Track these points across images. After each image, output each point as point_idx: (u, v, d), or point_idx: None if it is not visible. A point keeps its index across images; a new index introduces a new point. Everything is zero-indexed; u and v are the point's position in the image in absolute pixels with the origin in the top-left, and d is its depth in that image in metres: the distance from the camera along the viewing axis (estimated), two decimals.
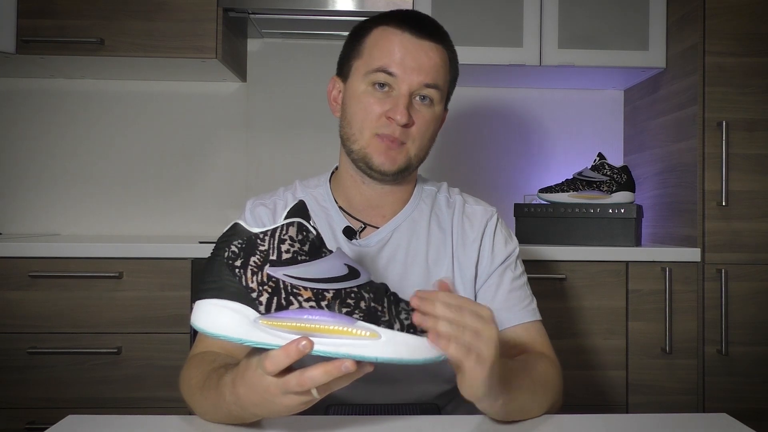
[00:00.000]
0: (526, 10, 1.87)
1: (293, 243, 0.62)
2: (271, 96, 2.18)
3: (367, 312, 0.62)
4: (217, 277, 0.61)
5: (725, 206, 1.67)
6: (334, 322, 0.61)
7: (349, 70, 1.00)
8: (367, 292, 0.63)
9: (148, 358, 1.59)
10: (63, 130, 2.14)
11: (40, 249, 1.59)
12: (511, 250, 1.03)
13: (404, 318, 0.63)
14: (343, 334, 0.61)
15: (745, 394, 1.67)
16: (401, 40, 0.95)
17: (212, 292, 0.61)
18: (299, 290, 0.61)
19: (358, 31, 1.01)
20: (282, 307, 0.61)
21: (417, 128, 0.96)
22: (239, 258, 0.61)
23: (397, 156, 0.95)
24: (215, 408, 0.73)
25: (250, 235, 0.62)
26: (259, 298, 0.60)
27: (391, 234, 1.01)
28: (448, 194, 1.08)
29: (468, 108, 2.22)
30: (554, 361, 0.92)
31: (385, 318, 0.62)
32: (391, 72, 0.94)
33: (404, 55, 0.94)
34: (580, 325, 1.69)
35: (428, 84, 0.95)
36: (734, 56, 1.70)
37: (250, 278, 0.61)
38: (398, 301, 0.65)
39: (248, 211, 1.04)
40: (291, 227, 0.63)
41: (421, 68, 0.94)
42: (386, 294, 0.65)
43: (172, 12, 1.82)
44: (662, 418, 0.80)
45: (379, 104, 0.94)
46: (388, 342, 0.61)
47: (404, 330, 0.62)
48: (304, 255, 0.62)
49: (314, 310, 0.61)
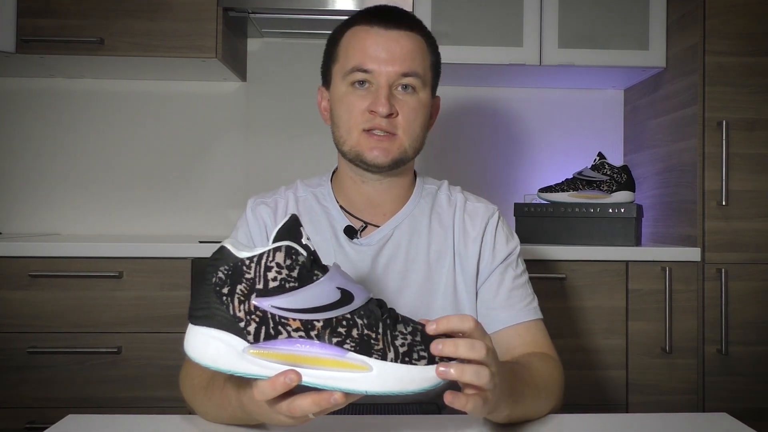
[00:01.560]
0: (526, 9, 1.87)
1: (280, 270, 0.60)
2: (271, 96, 2.18)
3: (359, 341, 0.60)
4: (205, 304, 0.60)
5: (725, 206, 1.67)
6: (324, 354, 0.59)
7: (330, 77, 1.02)
8: (361, 317, 0.61)
9: (148, 358, 1.59)
10: (63, 129, 2.14)
11: (40, 249, 1.59)
12: (513, 248, 1.03)
13: (399, 344, 0.61)
14: (333, 365, 0.59)
15: (745, 394, 1.67)
16: (371, 35, 0.96)
17: (202, 320, 0.60)
18: (287, 320, 0.59)
19: (333, 36, 1.03)
20: (270, 337, 0.59)
21: (403, 117, 0.96)
22: (226, 285, 0.60)
23: (389, 147, 0.96)
24: (220, 409, 0.73)
25: (236, 261, 0.60)
26: (247, 328, 0.59)
27: (392, 232, 1.01)
28: (449, 192, 1.08)
29: (468, 108, 2.22)
30: (557, 362, 0.92)
31: (378, 346, 0.60)
32: (366, 69, 0.95)
33: (376, 49, 0.95)
34: (580, 324, 1.68)
35: (405, 73, 0.95)
36: (734, 56, 1.69)
37: (237, 307, 0.59)
38: (395, 323, 0.62)
39: (249, 210, 1.04)
40: (278, 252, 0.60)
41: (395, 58, 0.95)
42: (382, 318, 0.62)
43: (172, 12, 1.82)
44: (662, 418, 0.80)
45: (361, 100, 0.95)
46: (378, 376, 0.59)
47: (398, 359, 0.60)
48: (292, 281, 0.60)
49: (303, 341, 0.59)
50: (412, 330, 0.62)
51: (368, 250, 0.99)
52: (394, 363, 0.60)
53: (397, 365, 0.60)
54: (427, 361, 0.61)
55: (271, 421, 0.65)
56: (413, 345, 0.61)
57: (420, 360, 0.61)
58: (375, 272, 0.99)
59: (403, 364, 0.60)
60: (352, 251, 0.99)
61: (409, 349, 0.61)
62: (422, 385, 0.61)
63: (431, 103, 1.03)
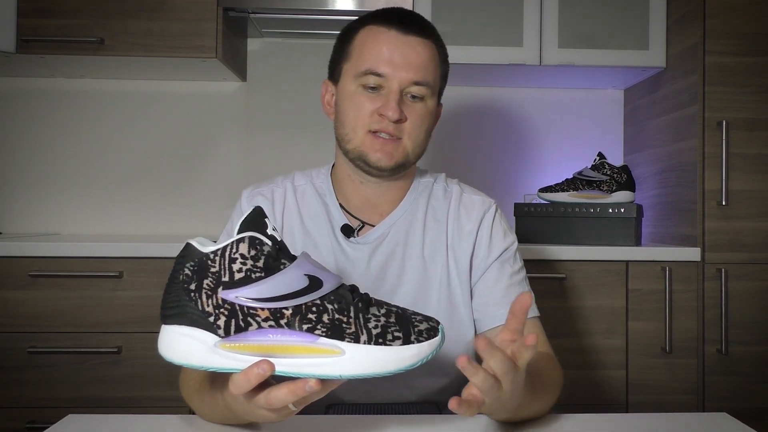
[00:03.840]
0: (526, 9, 1.87)
1: (245, 261, 0.59)
2: (271, 95, 2.18)
3: (330, 326, 0.59)
4: (175, 302, 0.60)
5: (725, 206, 1.67)
6: (295, 342, 0.58)
7: (339, 73, 1.00)
8: (331, 302, 0.60)
9: (148, 358, 1.59)
10: (63, 129, 2.14)
11: (40, 249, 1.59)
12: (510, 244, 1.02)
13: (372, 326, 0.60)
14: (305, 352, 0.58)
15: (745, 394, 1.67)
16: (388, 38, 0.95)
17: (173, 318, 0.60)
18: (256, 311, 0.59)
19: (346, 32, 1.01)
20: (241, 329, 0.58)
21: (411, 123, 0.96)
22: (193, 281, 0.59)
23: (393, 151, 0.95)
24: (211, 410, 0.74)
25: (201, 256, 0.60)
26: (217, 322, 0.58)
27: (388, 231, 1.01)
28: (446, 184, 1.07)
29: (468, 107, 2.22)
30: (556, 360, 0.92)
31: (350, 330, 0.59)
32: (380, 73, 0.94)
33: (392, 53, 0.94)
34: (580, 324, 1.69)
35: (418, 82, 0.95)
36: (734, 56, 1.70)
37: (205, 302, 0.59)
38: (368, 307, 0.62)
39: (245, 201, 1.04)
40: (242, 243, 0.59)
41: (410, 65, 0.94)
42: (353, 302, 0.61)
43: (172, 12, 1.82)
44: (662, 418, 0.80)
45: (371, 102, 0.95)
46: (352, 358, 0.59)
47: (372, 341, 0.60)
48: (258, 271, 0.59)
49: (274, 330, 0.59)
50: (386, 312, 0.62)
51: (365, 249, 0.99)
52: (367, 345, 0.59)
53: (370, 347, 0.59)
54: (402, 341, 0.60)
55: (256, 418, 0.65)
56: (387, 326, 0.61)
57: (395, 341, 0.60)
58: (372, 270, 0.99)
59: (376, 345, 0.60)
60: (350, 249, 0.99)
61: (383, 330, 0.60)
62: (398, 365, 0.60)
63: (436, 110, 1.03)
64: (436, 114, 1.04)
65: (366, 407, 0.92)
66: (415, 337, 0.61)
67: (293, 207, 1.02)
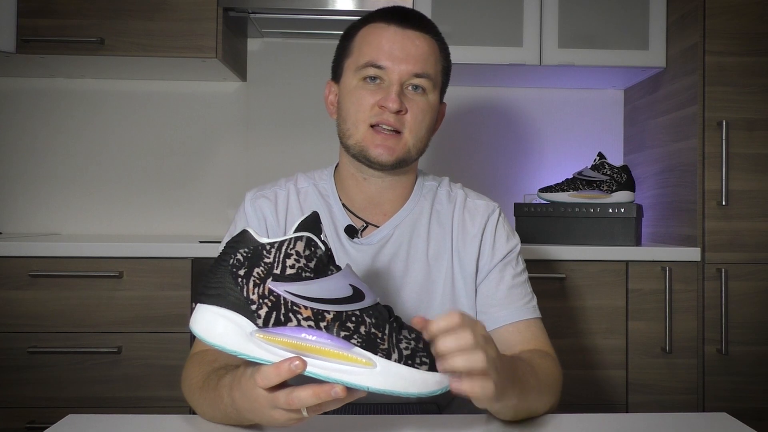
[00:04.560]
0: (526, 9, 1.87)
1: (299, 258, 0.61)
2: (271, 95, 2.18)
3: (366, 338, 0.60)
4: (219, 284, 0.60)
5: (725, 206, 1.67)
6: (331, 345, 0.59)
7: (341, 71, 1.02)
8: (369, 316, 0.62)
9: (148, 358, 1.59)
10: (63, 129, 2.14)
11: (40, 249, 1.58)
12: (513, 246, 1.03)
13: (404, 347, 0.62)
14: (338, 358, 0.59)
15: (745, 394, 1.67)
16: (388, 33, 0.97)
17: (213, 299, 0.60)
18: (299, 308, 0.60)
19: (348, 32, 1.03)
20: (280, 323, 0.59)
21: (412, 116, 0.96)
22: (243, 267, 0.60)
23: (394, 146, 0.96)
24: (213, 408, 0.74)
25: (257, 245, 0.61)
26: (258, 311, 0.59)
27: (392, 232, 1.01)
28: (450, 188, 1.08)
29: (468, 107, 2.22)
30: (556, 360, 0.92)
31: (383, 346, 0.61)
32: (380, 65, 0.95)
33: (392, 47, 0.95)
34: (580, 324, 1.69)
35: (418, 74, 0.96)
36: (734, 56, 1.70)
37: (251, 289, 0.60)
38: (401, 328, 0.63)
39: (248, 204, 1.03)
40: (299, 242, 0.61)
41: (409, 57, 0.95)
42: (389, 320, 0.63)
43: (172, 12, 1.82)
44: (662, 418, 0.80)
45: (371, 95, 0.96)
46: (382, 372, 0.60)
47: (402, 360, 0.61)
48: (309, 272, 0.61)
49: (312, 330, 0.60)
50: (415, 337, 0.63)
51: (369, 250, 0.99)
52: (397, 363, 0.61)
53: (400, 365, 0.61)
54: (428, 368, 0.62)
55: (262, 419, 0.65)
56: (416, 350, 0.62)
57: (422, 365, 0.61)
58: (375, 271, 0.99)
59: (405, 365, 0.61)
60: (353, 250, 0.99)
61: (413, 353, 0.62)
62: (422, 389, 0.61)
63: (438, 108, 1.03)
64: (440, 112, 1.05)
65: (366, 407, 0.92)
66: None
67: (296, 209, 1.02)
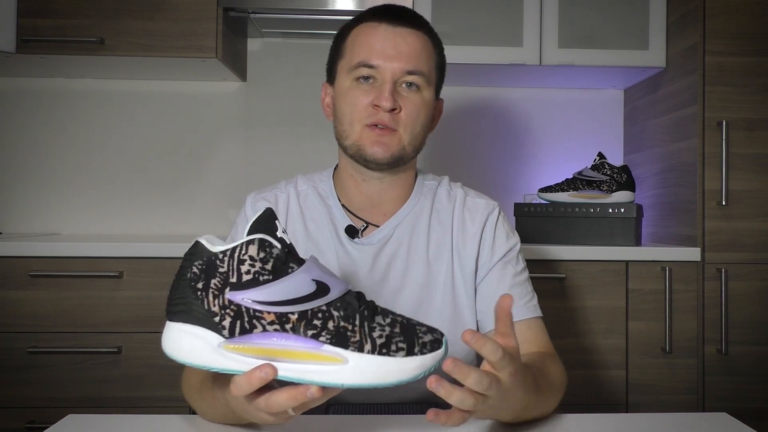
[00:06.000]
0: (526, 9, 1.87)
1: (254, 263, 0.59)
2: (271, 95, 2.18)
3: (335, 333, 0.59)
4: (182, 299, 0.60)
5: (725, 206, 1.67)
6: (299, 347, 0.58)
7: (335, 73, 1.02)
8: (337, 309, 0.60)
9: (148, 358, 1.59)
10: (63, 129, 2.14)
11: (40, 249, 1.58)
12: (513, 245, 1.02)
13: (377, 336, 0.60)
14: (308, 358, 0.58)
15: (745, 394, 1.67)
16: (379, 31, 0.97)
17: (179, 315, 0.60)
18: (262, 314, 0.58)
19: (340, 33, 1.03)
20: (246, 331, 0.58)
21: (406, 113, 0.96)
22: (200, 280, 0.59)
23: (390, 143, 0.95)
24: (212, 408, 0.74)
25: (209, 255, 0.60)
26: (222, 322, 0.58)
27: (392, 231, 1.01)
28: (449, 187, 1.07)
29: (468, 107, 2.22)
30: (559, 360, 0.92)
31: (355, 338, 0.59)
32: (372, 64, 0.95)
33: (383, 45, 0.95)
34: (580, 324, 1.69)
35: (411, 71, 0.95)
36: (734, 56, 1.70)
37: (212, 302, 0.59)
38: (374, 315, 0.61)
39: (249, 206, 1.04)
40: (251, 245, 0.59)
41: (401, 55, 0.95)
42: (359, 310, 0.61)
43: (172, 12, 1.82)
44: (662, 418, 0.80)
45: (365, 95, 0.95)
46: (355, 368, 0.58)
47: (375, 350, 0.59)
48: (266, 274, 0.59)
49: (279, 334, 0.58)
50: (391, 321, 0.61)
51: (369, 249, 0.99)
52: (370, 355, 0.59)
53: (374, 357, 0.59)
54: (406, 353, 0.60)
55: (256, 419, 0.65)
56: (391, 336, 0.60)
57: (398, 352, 0.60)
58: (376, 271, 0.99)
59: (380, 356, 0.59)
60: (354, 250, 0.99)
61: (387, 340, 0.60)
62: (400, 377, 0.59)
63: (434, 105, 1.03)
64: (437, 108, 1.05)
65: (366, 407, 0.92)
66: (418, 348, 0.60)
67: (296, 212, 1.03)
